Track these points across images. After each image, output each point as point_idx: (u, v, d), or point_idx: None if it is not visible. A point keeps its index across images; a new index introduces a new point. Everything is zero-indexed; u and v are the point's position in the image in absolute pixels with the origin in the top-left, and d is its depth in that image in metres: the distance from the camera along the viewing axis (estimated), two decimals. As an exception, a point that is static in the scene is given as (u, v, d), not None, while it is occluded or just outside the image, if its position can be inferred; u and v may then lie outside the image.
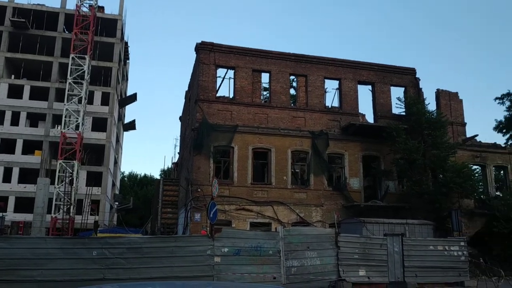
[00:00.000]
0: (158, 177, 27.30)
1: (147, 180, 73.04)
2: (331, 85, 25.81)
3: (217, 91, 24.14)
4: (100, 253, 13.24)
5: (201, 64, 23.28)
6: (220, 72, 24.25)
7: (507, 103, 43.93)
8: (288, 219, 22.45)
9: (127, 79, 70.06)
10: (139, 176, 78.47)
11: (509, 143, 33.04)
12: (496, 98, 44.71)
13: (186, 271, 13.62)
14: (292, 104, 25.40)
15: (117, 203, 39.39)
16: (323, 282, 16.64)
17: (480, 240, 24.44)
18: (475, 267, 21.90)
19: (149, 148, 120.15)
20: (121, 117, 61.26)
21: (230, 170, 22.50)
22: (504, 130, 44.64)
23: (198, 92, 22.96)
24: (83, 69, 42.85)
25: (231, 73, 24.09)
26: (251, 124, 23.15)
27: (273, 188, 22.71)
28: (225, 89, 25.67)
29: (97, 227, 22.83)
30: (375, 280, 17.73)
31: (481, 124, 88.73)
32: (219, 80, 23.83)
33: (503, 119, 44.48)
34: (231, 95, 23.95)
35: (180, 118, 34.17)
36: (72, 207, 39.09)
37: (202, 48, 23.47)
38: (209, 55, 23.43)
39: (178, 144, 37.78)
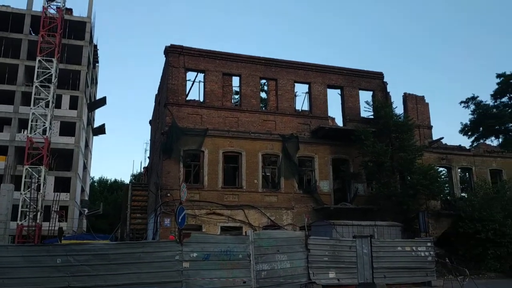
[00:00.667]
0: (129, 182, 26.91)
1: (117, 185, 71.81)
2: (301, 89, 26.07)
3: (187, 94, 24.01)
4: (64, 260, 12.90)
5: (171, 67, 23.09)
6: (191, 75, 24.16)
7: (472, 107, 45.32)
8: (259, 222, 22.46)
9: (96, 83, 68.84)
10: (109, 181, 77.16)
11: (474, 145, 33.86)
12: (461, 102, 46.20)
13: (154, 277, 13.43)
14: (263, 108, 25.48)
15: (85, 209, 38.52)
16: (293, 285, 16.67)
17: (447, 240, 25.01)
18: (442, 267, 22.40)
19: (120, 152, 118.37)
20: (90, 121, 60.12)
21: (200, 174, 22.35)
22: (469, 133, 46.02)
23: (168, 96, 22.76)
24: (50, 72, 41.68)
25: (201, 76, 24.00)
26: (222, 128, 23.08)
27: (244, 192, 22.68)
28: (196, 93, 25.60)
29: (62, 234, 22.25)
30: (345, 282, 17.87)
31: (447, 128, 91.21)
32: (189, 84, 23.74)
33: (469, 122, 45.84)
34: (202, 99, 23.82)
35: (150, 122, 33.79)
36: (39, 213, 38.02)
37: (172, 51, 23.29)
38: (178, 58, 23.26)
39: (148, 148, 37.36)
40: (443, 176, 24.84)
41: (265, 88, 28.08)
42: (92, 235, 24.93)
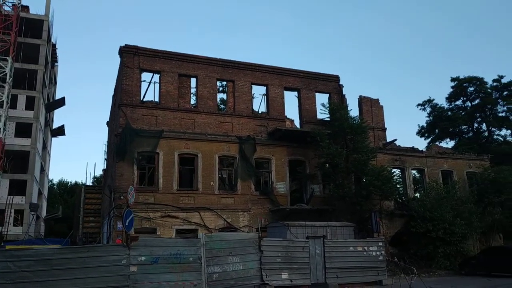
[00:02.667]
0: (82, 185, 26.34)
1: (78, 188, 69.94)
2: (258, 91, 26.18)
3: (144, 95, 23.73)
4: (4, 266, 12.43)
5: (125, 67, 22.73)
6: (147, 76, 23.86)
7: (428, 109, 46.74)
8: (215, 224, 22.36)
9: (55, 83, 66.96)
10: (69, 183, 75.18)
11: (426, 147, 34.82)
12: (419, 105, 47.65)
13: (99, 281, 13.14)
14: (224, 108, 25.37)
15: (33, 213, 37.34)
16: (245, 287, 16.68)
17: (400, 240, 25.65)
18: (395, 266, 22.93)
19: (82, 154, 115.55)
20: (48, 122, 58.39)
21: (155, 177, 22.06)
22: (426, 135, 47.43)
23: (122, 97, 22.39)
24: (4, 71, 40.34)
25: (157, 77, 23.71)
26: (177, 130, 22.87)
27: (200, 194, 22.55)
28: (152, 94, 25.17)
29: (2, 239, 21.44)
30: (297, 283, 18.01)
31: (406, 129, 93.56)
32: (144, 85, 23.39)
33: (425, 125, 47.24)
34: (158, 100, 23.52)
35: (108, 123, 33.12)
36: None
37: (126, 52, 22.92)
38: (133, 58, 22.92)
39: (106, 150, 36.59)
40: (395, 177, 25.46)
41: (225, 89, 28.06)
42: (42, 240, 24.19)
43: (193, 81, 24.57)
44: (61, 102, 57.74)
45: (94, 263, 13.21)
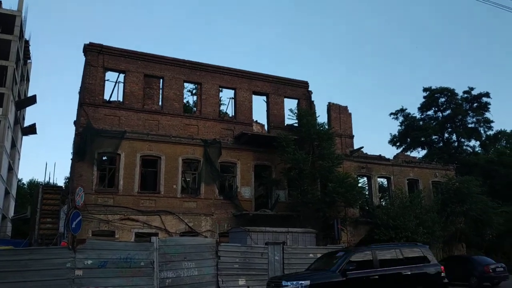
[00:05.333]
0: (40, 185, 25.63)
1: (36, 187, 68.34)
2: (226, 94, 25.96)
3: (110, 96, 23.31)
4: None
5: (89, 66, 22.24)
6: (112, 76, 23.39)
7: (401, 119, 47.21)
8: (176, 229, 21.97)
9: (28, 80, 65.53)
10: (41, 183, 73.50)
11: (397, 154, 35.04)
12: (391, 114, 48.00)
13: (41, 286, 12.65)
14: (194, 110, 24.98)
15: None
16: (200, 293, 16.36)
17: (364, 247, 25.62)
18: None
19: (54, 153, 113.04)
20: (19, 120, 57.00)
21: (116, 178, 21.58)
22: (398, 144, 47.88)
23: (84, 96, 21.90)
24: (-28, 66, 39.35)
25: (122, 77, 23.27)
26: (141, 131, 22.44)
27: (161, 197, 22.14)
28: (119, 94, 24.70)
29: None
30: (254, 289, 17.77)
31: (375, 139, 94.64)
32: (108, 84, 22.93)
33: (397, 133, 47.69)
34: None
35: (75, 123, 32.39)
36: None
37: (90, 50, 22.44)
38: (97, 57, 22.45)
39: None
40: (360, 184, 25.48)
41: (193, 92, 27.83)
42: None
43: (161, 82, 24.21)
44: (33, 99, 56.46)
45: (36, 266, 12.71)
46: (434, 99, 45.96)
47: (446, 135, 47.25)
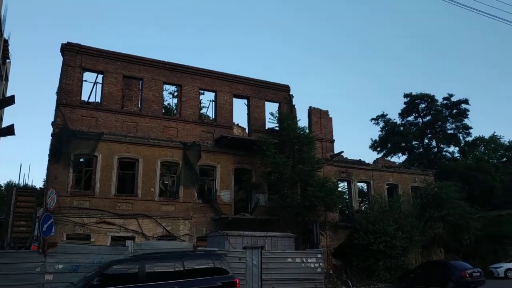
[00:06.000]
0: (14, 187, 24.99)
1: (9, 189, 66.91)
2: (207, 97, 25.74)
3: (89, 97, 22.88)
4: None
5: (66, 66, 21.80)
6: (91, 76, 22.98)
7: (381, 124, 47.56)
8: (153, 232, 21.62)
9: (7, 80, 64.25)
10: (18, 185, 71.96)
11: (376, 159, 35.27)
12: (372, 119, 48.38)
13: (9, 290, 12.23)
14: (174, 112, 24.65)
15: None
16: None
17: (344, 252, 25.65)
18: (337, 279, 22.88)
19: (33, 155, 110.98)
20: (-5, 120, 55.87)
21: (92, 180, 21.14)
22: (378, 149, 48.20)
23: (61, 96, 21.43)
24: None
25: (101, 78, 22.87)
26: (119, 133, 22.06)
27: (139, 200, 21.76)
28: (97, 95, 24.25)
29: None
30: (232, 294, 17.52)
31: (356, 144, 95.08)
32: (86, 85, 22.52)
33: (378, 139, 48.02)
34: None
35: (52, 124, 31.79)
36: None
37: (68, 50, 22.00)
38: (75, 57, 22.03)
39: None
40: (340, 189, 25.48)
41: (174, 94, 27.50)
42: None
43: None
44: (11, 100, 55.10)
45: (4, 270, 12.31)
46: (415, 105, 46.46)
47: (426, 140, 47.79)
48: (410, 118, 47.82)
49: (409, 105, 46.64)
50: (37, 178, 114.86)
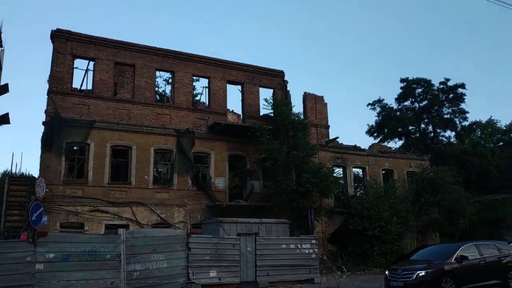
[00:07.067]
0: (6, 175, 24.91)
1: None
2: (200, 83, 25.50)
3: (81, 84, 22.64)
4: None
5: (56, 53, 21.52)
6: (82, 64, 22.68)
7: (378, 109, 47.35)
8: (148, 220, 21.58)
9: (0, 68, 63.76)
10: (15, 174, 71.81)
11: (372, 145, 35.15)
12: (369, 104, 48.11)
13: (0, 280, 12.12)
14: (169, 99, 24.44)
15: None
16: (170, 285, 16.02)
17: (339, 238, 25.68)
18: (331, 264, 22.89)
19: (27, 144, 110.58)
20: (-10, 109, 55.58)
21: (85, 169, 21.02)
22: (375, 134, 48.06)
23: (51, 84, 21.20)
24: None
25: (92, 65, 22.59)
26: (111, 120, 21.89)
27: (132, 188, 21.69)
28: (89, 82, 23.99)
29: None
30: (226, 281, 17.48)
31: (353, 129, 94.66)
32: (76, 72, 22.23)
33: (374, 124, 47.85)
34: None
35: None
36: None
37: (58, 36, 21.71)
38: (65, 44, 21.74)
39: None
40: (335, 175, 25.41)
41: (169, 81, 27.22)
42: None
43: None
44: (5, 88, 54.86)
45: (-6, 260, 12.18)
46: (411, 90, 46.15)
47: (423, 125, 47.61)
48: (407, 103, 47.58)
49: (406, 90, 46.34)
50: (31, 167, 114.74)
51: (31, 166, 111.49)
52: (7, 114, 55.56)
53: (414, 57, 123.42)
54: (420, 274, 13.30)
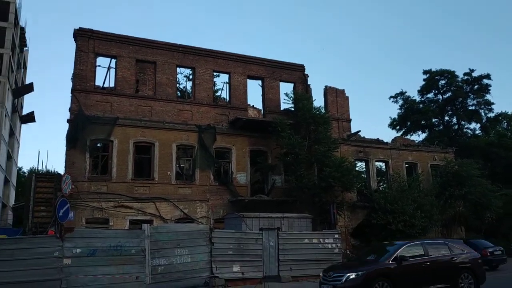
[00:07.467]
0: (32, 173, 25.58)
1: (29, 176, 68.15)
2: (221, 79, 25.56)
3: (104, 82, 22.97)
4: None
5: (79, 52, 21.85)
6: (104, 61, 22.99)
7: (400, 102, 46.69)
8: (171, 215, 21.82)
9: (25, 68, 65.05)
10: (41, 171, 73.41)
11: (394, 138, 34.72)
12: (391, 97, 47.46)
13: (29, 275, 12.43)
14: (190, 96, 24.64)
15: None
16: (194, 280, 16.19)
17: (362, 232, 25.47)
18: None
19: (55, 141, 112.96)
20: (17, 108, 56.70)
21: (109, 165, 21.37)
22: (397, 127, 47.44)
23: (75, 82, 21.55)
24: (-33, 54, 38.87)
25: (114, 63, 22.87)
26: (134, 117, 22.16)
27: (155, 183, 21.93)
28: (111, 80, 24.31)
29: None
30: (249, 275, 17.54)
31: (375, 123, 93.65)
32: (99, 70, 22.55)
33: (397, 117, 47.21)
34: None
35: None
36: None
37: (81, 35, 22.02)
38: (88, 42, 22.05)
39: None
40: (357, 169, 25.18)
41: (190, 77, 27.37)
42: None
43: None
44: (30, 87, 55.96)
45: (23, 256, 12.49)
46: (434, 82, 45.33)
47: (447, 118, 46.78)
48: (430, 95, 46.81)
49: (429, 82, 45.54)
50: (57, 164, 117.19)
51: (56, 163, 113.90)
52: (32, 113, 56.62)
53: (436, 49, 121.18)
54: (350, 277, 11.88)
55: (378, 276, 12.04)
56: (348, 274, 11.97)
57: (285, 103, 25.46)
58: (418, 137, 46.52)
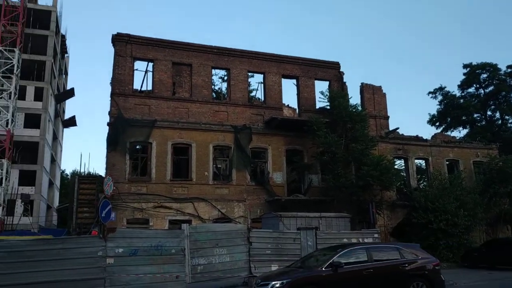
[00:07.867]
0: (75, 175, 26.50)
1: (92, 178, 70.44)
2: (255, 79, 25.60)
3: (141, 85, 23.46)
4: (-24, 257, 12.20)
5: (117, 56, 22.42)
6: (141, 65, 23.49)
7: (439, 97, 45.39)
8: (209, 215, 22.04)
9: (66, 74, 67.36)
10: (83, 174, 75.85)
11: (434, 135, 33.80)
12: (430, 93, 46.27)
13: (74, 274, 12.81)
14: (226, 96, 24.86)
15: (23, 203, 37.82)
16: (233, 279, 16.31)
17: (402, 231, 24.92)
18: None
19: (96, 145, 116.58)
20: (59, 113, 58.79)
21: (148, 167, 21.82)
22: (437, 123, 46.14)
23: (114, 86, 22.13)
24: (12, 62, 40.51)
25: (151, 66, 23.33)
26: (171, 119, 22.54)
27: (193, 184, 22.22)
28: (149, 83, 24.82)
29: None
30: (288, 275, 17.53)
31: (413, 119, 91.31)
32: (137, 74, 23.07)
33: (436, 113, 45.93)
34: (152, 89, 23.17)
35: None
36: (1, 208, 37.01)
37: (118, 40, 22.59)
38: (125, 47, 22.60)
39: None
40: (396, 167, 24.66)
41: (224, 78, 27.58)
42: (33, 231, 24.18)
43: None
44: (71, 92, 58.03)
45: (69, 255, 12.86)
46: (475, 76, 43.79)
47: (489, 112, 45.12)
48: (471, 90, 45.27)
49: (469, 76, 44.05)
50: (98, 166, 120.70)
51: (97, 165, 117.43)
52: (73, 117, 58.17)
53: (476, 42, 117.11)
54: (276, 286, 10.90)
55: (305, 284, 11.20)
56: (274, 282, 11.07)
57: (321, 102, 25.29)
58: (459, 133, 45.20)
